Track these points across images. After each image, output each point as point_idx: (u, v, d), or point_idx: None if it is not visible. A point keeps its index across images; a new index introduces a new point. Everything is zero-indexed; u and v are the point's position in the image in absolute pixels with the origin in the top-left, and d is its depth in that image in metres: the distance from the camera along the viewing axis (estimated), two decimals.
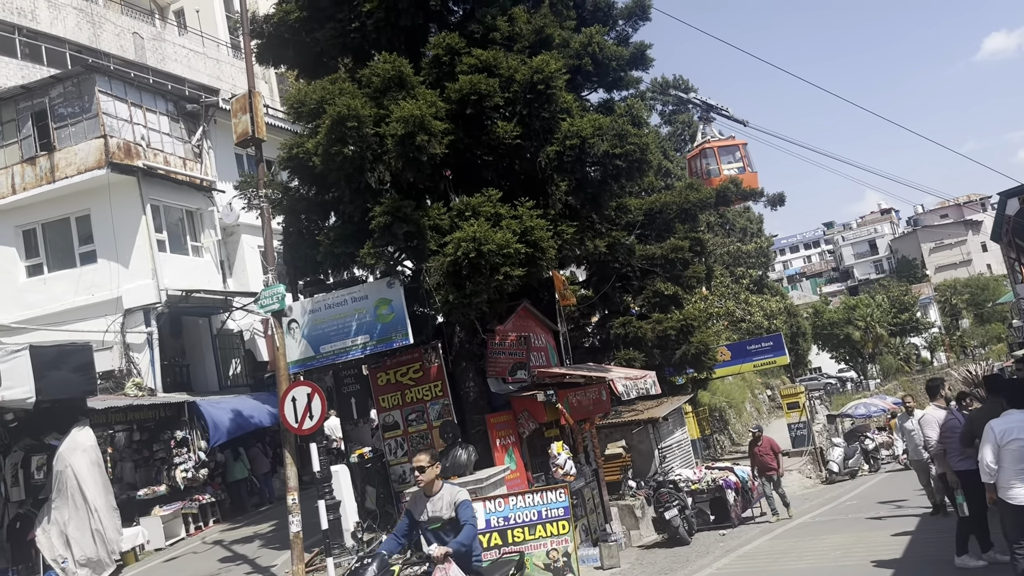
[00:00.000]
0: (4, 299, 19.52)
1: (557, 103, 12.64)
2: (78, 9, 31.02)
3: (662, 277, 18.96)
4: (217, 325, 21.61)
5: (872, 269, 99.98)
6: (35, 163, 19.50)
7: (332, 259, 12.89)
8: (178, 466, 17.08)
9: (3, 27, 27.73)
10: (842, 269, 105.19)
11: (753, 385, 41.66)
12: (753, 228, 50.41)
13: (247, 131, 11.96)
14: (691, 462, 20.40)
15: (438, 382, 13.08)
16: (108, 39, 31.64)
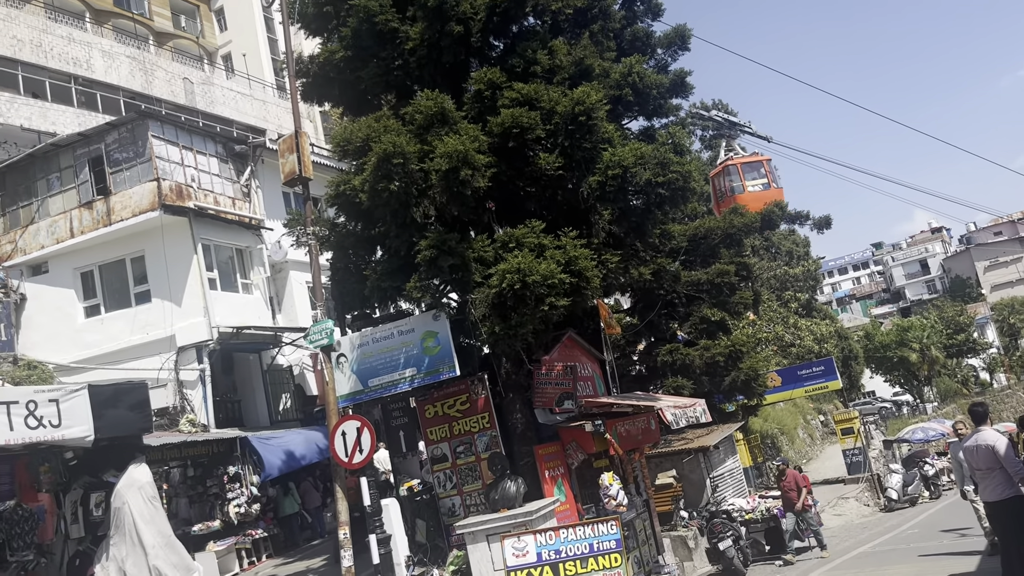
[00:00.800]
0: (64, 340, 20.08)
1: (598, 133, 12.71)
2: (131, 57, 32.17)
3: (708, 303, 18.79)
4: (267, 361, 21.93)
5: (924, 289, 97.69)
6: (92, 207, 20.14)
7: (379, 293, 13.05)
8: (231, 501, 17.28)
9: (61, 77, 28.89)
10: (893, 290, 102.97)
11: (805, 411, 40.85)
12: (800, 251, 49.77)
13: (294, 170, 12.22)
14: (744, 491, 20.01)
15: (485, 414, 13.08)
16: (159, 85, 32.73)
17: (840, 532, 17.11)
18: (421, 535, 13.37)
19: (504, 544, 8.75)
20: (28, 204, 21.11)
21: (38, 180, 21.14)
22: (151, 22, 37.18)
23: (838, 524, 18.20)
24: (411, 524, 13.37)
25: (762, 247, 45.78)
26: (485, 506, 12.20)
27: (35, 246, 20.74)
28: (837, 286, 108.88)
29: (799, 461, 34.86)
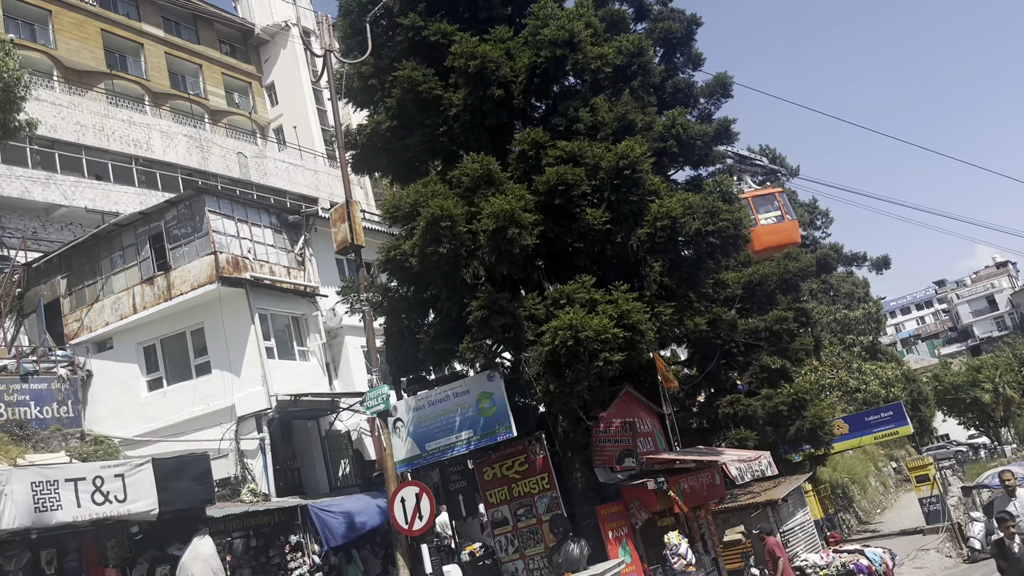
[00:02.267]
0: (128, 414, 20.49)
1: (644, 186, 12.71)
2: (188, 136, 33.45)
3: (768, 351, 18.42)
4: (325, 427, 22.03)
5: (994, 326, 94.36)
6: (153, 283, 20.73)
7: (433, 356, 13.10)
8: (293, 571, 17.19)
9: (122, 158, 30.14)
10: (960, 328, 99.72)
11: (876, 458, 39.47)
12: (859, 293, 48.76)
13: (346, 239, 12.43)
14: (816, 545, 19.24)
15: (544, 474, 12.89)
16: (215, 160, 33.90)
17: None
18: None
19: None
20: (93, 283, 21.82)
21: (102, 259, 21.88)
22: (206, 101, 38.72)
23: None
24: None
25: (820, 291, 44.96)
26: (549, 570, 11.94)
27: (100, 323, 21.36)
28: (901, 327, 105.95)
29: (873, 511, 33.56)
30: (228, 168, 34.36)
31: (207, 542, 13.58)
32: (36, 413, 19.14)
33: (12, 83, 18.30)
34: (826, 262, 39.06)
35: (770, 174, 49.61)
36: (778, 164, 49.37)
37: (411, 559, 11.53)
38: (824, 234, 49.46)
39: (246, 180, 34.45)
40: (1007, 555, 9.24)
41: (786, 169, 49.62)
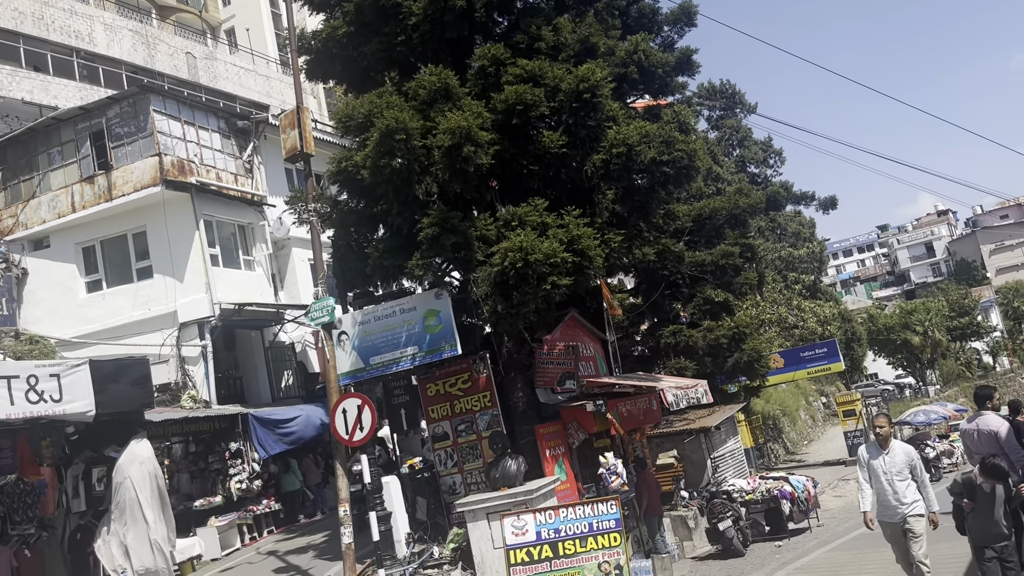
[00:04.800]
0: (65, 315, 20.07)
1: (603, 111, 12.60)
2: (133, 31, 31.92)
3: (712, 284, 18.72)
4: (269, 338, 21.93)
5: (929, 272, 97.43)
6: (93, 182, 20.05)
7: (381, 271, 12.99)
8: (232, 477, 17.34)
9: (62, 50, 28.68)
10: (898, 273, 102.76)
11: (807, 392, 40.91)
12: (805, 232, 49.64)
13: (296, 146, 12.12)
14: (745, 472, 20.04)
15: (487, 392, 13.06)
16: (162, 59, 32.49)
17: (840, 513, 17.13)
18: (421, 513, 13.41)
19: (504, 523, 8.75)
20: (29, 178, 21.02)
21: (39, 154, 21.03)
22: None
23: (838, 505, 18.21)
24: (412, 502, 13.41)
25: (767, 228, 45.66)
26: (486, 484, 12.21)
27: (36, 220, 20.68)
28: (842, 268, 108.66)
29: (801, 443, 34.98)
30: (176, 68, 32.95)
31: (144, 445, 13.54)
32: None
33: None
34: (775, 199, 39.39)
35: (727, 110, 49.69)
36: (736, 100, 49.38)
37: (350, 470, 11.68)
38: (775, 172, 49.94)
39: (194, 82, 33.12)
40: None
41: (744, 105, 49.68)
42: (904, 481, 7.81)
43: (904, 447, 8.06)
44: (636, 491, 13.45)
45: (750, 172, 47.98)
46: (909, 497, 7.79)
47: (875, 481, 7.96)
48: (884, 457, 7.91)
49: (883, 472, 7.86)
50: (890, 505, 7.85)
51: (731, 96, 48.59)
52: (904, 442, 8.87)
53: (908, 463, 7.87)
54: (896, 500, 7.79)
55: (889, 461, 7.87)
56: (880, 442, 8.06)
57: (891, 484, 7.80)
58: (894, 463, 7.85)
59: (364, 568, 11.58)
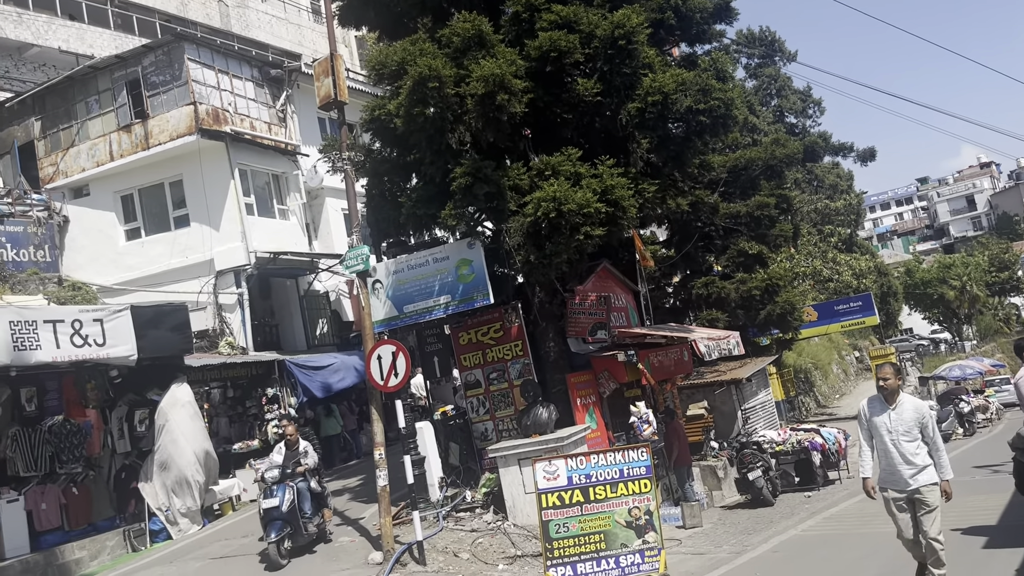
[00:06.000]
0: (106, 262, 20.47)
1: (639, 58, 12.40)
2: None
3: (746, 236, 18.57)
4: (304, 286, 22.20)
5: (970, 226, 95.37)
6: (131, 131, 20.25)
7: (414, 220, 13.04)
8: (269, 422, 17.75)
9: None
10: (937, 226, 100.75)
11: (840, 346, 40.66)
12: (843, 184, 48.75)
13: (329, 94, 12.10)
14: (775, 424, 20.08)
15: (518, 342, 13.16)
16: (195, 8, 32.43)
17: None
18: (454, 458, 13.64)
19: (535, 467, 8.88)
20: (68, 127, 21.26)
21: (77, 103, 21.24)
22: None
23: None
24: (444, 447, 13.64)
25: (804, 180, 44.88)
26: (517, 431, 12.39)
27: (76, 169, 20.97)
28: (879, 221, 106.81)
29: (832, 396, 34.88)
30: (208, 16, 32.90)
31: (185, 389, 13.93)
32: (12, 256, 19.08)
33: None
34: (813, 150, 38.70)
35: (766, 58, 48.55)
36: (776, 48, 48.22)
37: (385, 415, 11.90)
38: (814, 123, 48.92)
39: (227, 31, 33.05)
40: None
41: (783, 53, 48.52)
42: (913, 442, 6.68)
43: (914, 401, 6.95)
44: (665, 441, 13.56)
45: (788, 122, 47.05)
46: (920, 461, 6.68)
47: (878, 442, 6.85)
48: (890, 413, 6.75)
49: (888, 431, 6.73)
50: (896, 471, 6.73)
51: (770, 44, 47.47)
52: (939, 396, 8.30)
53: (918, 420, 6.72)
54: (904, 465, 6.68)
55: (895, 418, 6.72)
56: (885, 396, 6.85)
57: (897, 445, 6.69)
58: (901, 420, 6.71)
59: (399, 510, 11.87)
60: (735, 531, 12.18)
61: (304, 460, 11.45)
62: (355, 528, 12.27)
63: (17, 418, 12.53)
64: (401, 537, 10.87)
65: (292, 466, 11.33)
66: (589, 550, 8.64)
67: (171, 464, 13.42)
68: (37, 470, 12.41)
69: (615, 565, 8.57)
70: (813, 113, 49.24)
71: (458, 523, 11.66)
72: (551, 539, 8.72)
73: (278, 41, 35.15)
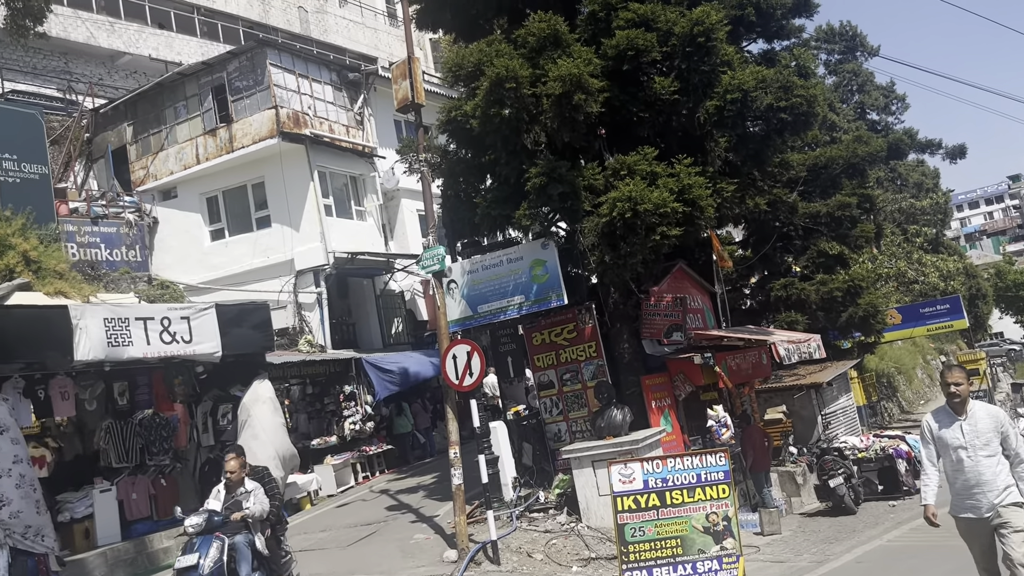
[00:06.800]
0: (192, 262, 21.21)
1: (717, 56, 12.20)
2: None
3: (827, 236, 18.07)
4: (380, 286, 22.57)
5: None
6: (215, 134, 20.94)
7: (489, 221, 13.09)
8: (346, 419, 18.12)
9: (184, 7, 29.83)
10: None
11: (926, 351, 39.18)
12: (928, 183, 46.94)
13: (407, 97, 12.27)
14: (857, 430, 19.48)
15: (592, 343, 13.10)
16: (275, 14, 33.35)
17: None
18: (527, 458, 13.66)
19: (611, 470, 8.82)
20: (158, 131, 22.11)
21: (166, 108, 22.08)
22: None
23: None
24: (518, 447, 13.68)
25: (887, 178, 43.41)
26: (591, 433, 12.33)
27: (165, 172, 21.80)
28: (967, 221, 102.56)
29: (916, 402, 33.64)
30: (288, 22, 33.81)
31: (267, 386, 14.28)
32: (106, 255, 19.92)
33: None
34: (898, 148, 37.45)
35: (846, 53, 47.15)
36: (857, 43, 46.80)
37: (460, 413, 12.00)
38: (897, 120, 47.27)
39: (306, 36, 33.90)
40: None
41: (865, 48, 47.04)
42: (992, 457, 5.68)
43: (989, 409, 5.95)
44: (741, 446, 13.31)
45: (869, 119, 45.57)
46: (1001, 480, 5.67)
47: (947, 461, 5.87)
48: (962, 425, 5.76)
49: (961, 446, 5.75)
50: (972, 493, 5.75)
51: (851, 39, 46.09)
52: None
53: (997, 430, 5.72)
54: (982, 485, 5.69)
55: (969, 431, 5.73)
56: (954, 406, 5.86)
57: (974, 462, 5.71)
58: (976, 432, 5.71)
59: (473, 509, 11.95)
60: (816, 539, 11.86)
61: (247, 505, 8.52)
62: (430, 525, 12.41)
63: (110, 411, 13.08)
64: (475, 536, 10.94)
65: (226, 513, 8.48)
66: (665, 555, 8.53)
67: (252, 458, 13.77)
68: (128, 461, 12.92)
69: (692, 571, 8.44)
70: (896, 109, 47.59)
71: (531, 523, 11.67)
72: (627, 543, 8.64)
73: (355, 45, 35.85)
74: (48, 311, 11.36)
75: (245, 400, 13.95)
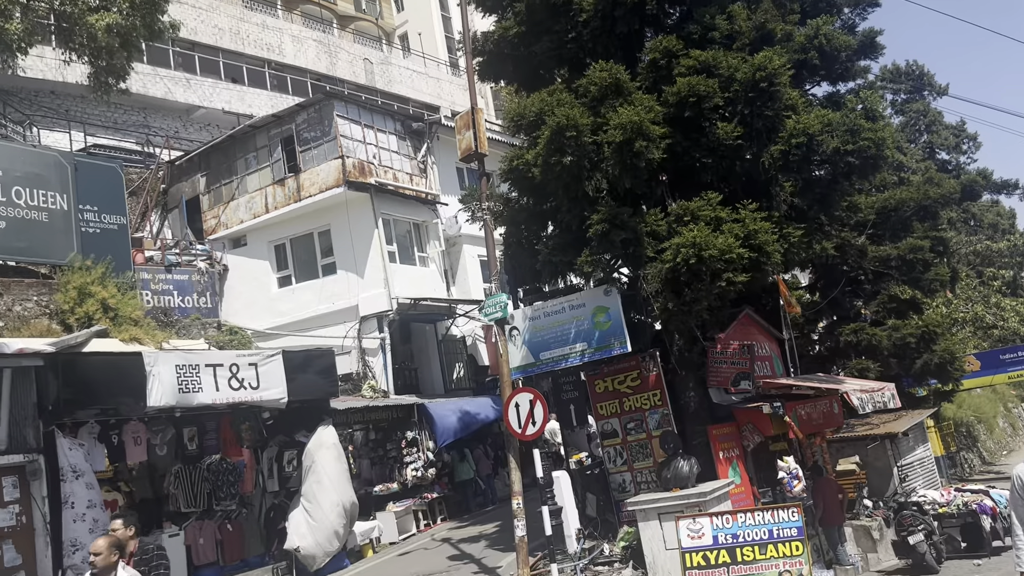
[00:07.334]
0: (260, 308, 21.70)
1: (781, 100, 12.07)
2: (317, 41, 33.97)
3: (898, 280, 17.61)
4: (442, 331, 22.71)
5: None
6: (284, 184, 21.54)
7: (550, 267, 13.09)
8: (408, 465, 18.11)
9: (255, 62, 31.01)
10: None
11: (1007, 398, 37.54)
12: (1004, 224, 45.45)
13: (470, 146, 12.45)
14: (936, 482, 18.62)
15: (657, 391, 12.88)
16: (342, 66, 34.39)
17: None
18: (591, 509, 13.42)
19: (679, 525, 8.60)
20: (229, 182, 22.86)
21: (237, 159, 22.84)
22: (335, 6, 39.05)
23: None
24: (581, 498, 13.45)
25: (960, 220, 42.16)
26: (656, 484, 12.05)
27: (235, 221, 22.48)
28: None
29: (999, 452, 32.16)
30: (354, 74, 34.83)
31: (331, 432, 14.41)
32: (179, 302, 20.52)
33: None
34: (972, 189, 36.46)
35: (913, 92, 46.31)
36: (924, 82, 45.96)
37: (522, 461, 11.88)
38: (969, 159, 46.04)
39: (371, 86, 34.87)
40: None
41: (933, 87, 46.15)
42: None
43: None
44: (813, 499, 12.83)
45: (939, 159, 44.50)
46: None
47: None
48: None
49: None
50: None
51: (918, 78, 45.30)
52: None
53: None
54: None
55: None
56: None
57: None
58: None
59: (536, 561, 11.75)
60: None
61: None
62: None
63: (180, 456, 13.33)
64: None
65: None
66: None
67: (315, 505, 13.86)
68: (196, 506, 13.11)
69: None
70: (968, 149, 46.42)
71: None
72: None
73: (418, 94, 36.71)
74: (123, 358, 11.70)
75: (310, 446, 14.09)
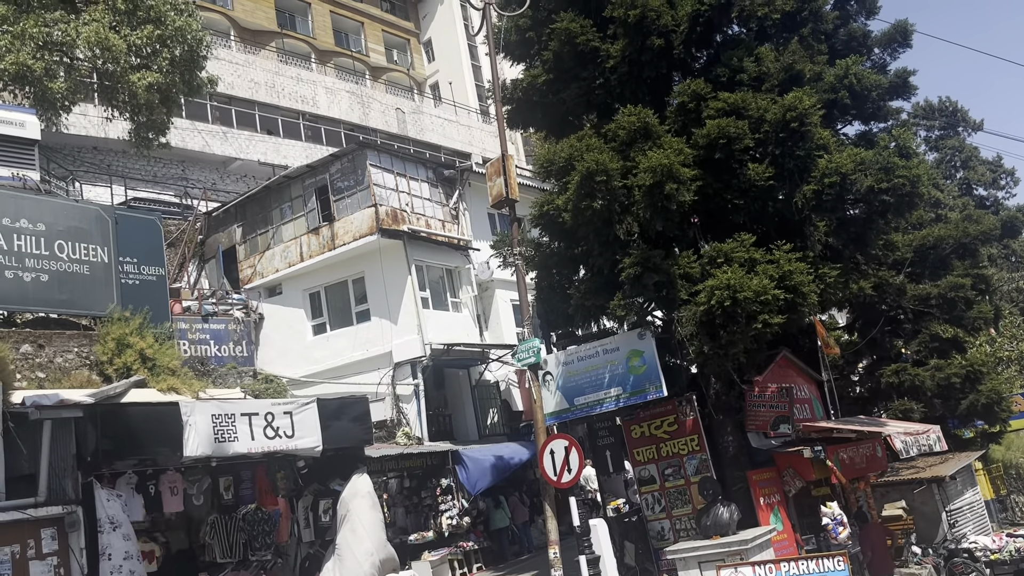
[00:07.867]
0: (295, 356, 21.84)
1: (812, 140, 12.05)
2: (350, 92, 34.69)
3: (939, 319, 17.26)
4: (475, 376, 22.64)
5: None
6: (318, 233, 21.82)
7: (583, 312, 13.05)
8: (443, 513, 17.93)
9: (290, 114, 31.73)
10: None
11: None
12: None
13: (502, 193, 12.54)
14: (987, 527, 18.00)
15: (694, 436, 12.68)
16: (375, 116, 35.04)
17: None
18: (630, 558, 13.15)
19: (721, 574, 8.37)
20: (265, 232, 23.23)
21: (273, 209, 23.22)
22: (367, 58, 39.94)
23: None
24: (619, 546, 13.18)
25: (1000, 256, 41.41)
26: (696, 531, 11.80)
27: (271, 270, 22.77)
28: None
29: None
30: (387, 123, 35.46)
31: (365, 480, 14.31)
32: (215, 351, 20.71)
33: (195, 44, 19.55)
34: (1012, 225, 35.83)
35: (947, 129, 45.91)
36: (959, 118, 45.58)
37: (558, 509, 11.71)
38: (1008, 194, 45.37)
39: (403, 135, 35.44)
40: None
41: (967, 123, 45.72)
42: None
43: None
44: (860, 546, 12.46)
45: (977, 195, 43.90)
46: None
47: None
48: None
49: None
50: None
51: (952, 114, 44.94)
52: None
53: None
54: None
55: None
56: None
57: None
58: None
59: None
60: None
61: None
62: None
63: (216, 506, 13.31)
64: None
65: None
66: None
67: (349, 555, 13.72)
68: (231, 556, 13.04)
69: None
70: (1006, 184, 45.77)
71: None
72: None
73: (449, 142, 37.22)
74: (160, 408, 11.77)
75: (344, 495, 13.99)
